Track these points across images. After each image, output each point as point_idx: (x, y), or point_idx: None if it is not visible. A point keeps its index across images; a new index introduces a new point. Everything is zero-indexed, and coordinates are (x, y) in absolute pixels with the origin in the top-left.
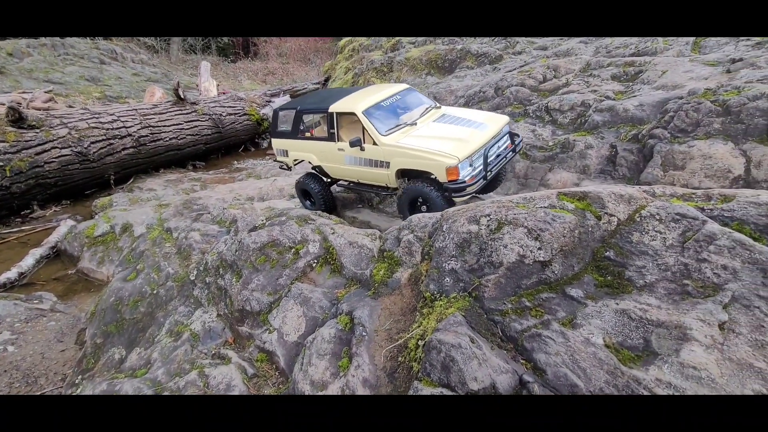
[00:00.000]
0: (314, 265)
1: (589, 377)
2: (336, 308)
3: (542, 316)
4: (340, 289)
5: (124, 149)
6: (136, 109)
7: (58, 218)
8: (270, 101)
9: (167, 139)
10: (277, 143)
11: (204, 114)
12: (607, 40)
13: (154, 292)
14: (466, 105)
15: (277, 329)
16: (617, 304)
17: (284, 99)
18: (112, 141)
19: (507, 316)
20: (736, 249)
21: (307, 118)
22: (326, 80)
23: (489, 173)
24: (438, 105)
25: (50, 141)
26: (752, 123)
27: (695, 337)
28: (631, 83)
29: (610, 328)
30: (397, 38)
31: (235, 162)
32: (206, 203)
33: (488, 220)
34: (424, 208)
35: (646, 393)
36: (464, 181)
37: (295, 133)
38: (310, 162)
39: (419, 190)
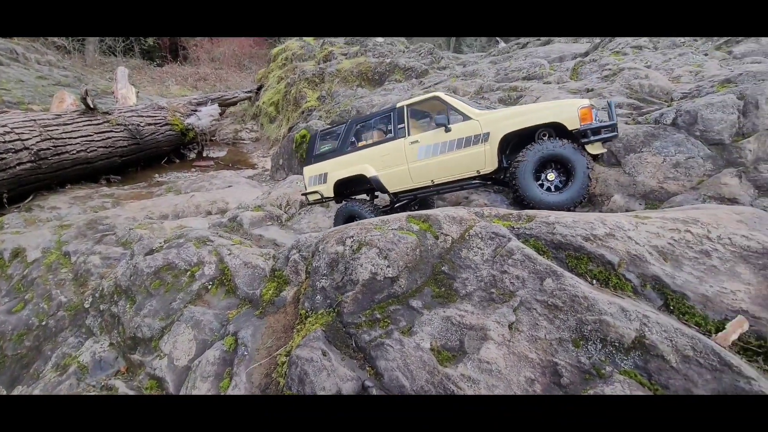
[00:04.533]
0: (209, 287)
1: (414, 378)
2: (224, 329)
3: (388, 326)
4: (232, 309)
5: (19, 164)
6: (35, 120)
7: None
8: (196, 110)
9: (74, 152)
10: (312, 170)
11: (119, 124)
12: (507, 64)
13: (43, 323)
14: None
15: (167, 354)
16: (444, 311)
17: (212, 108)
18: (3, 155)
19: (360, 328)
20: (525, 262)
21: (364, 128)
22: (259, 88)
23: (616, 125)
24: None
25: None
26: None
27: (492, 337)
28: (512, 106)
29: (436, 333)
30: (330, 49)
31: (157, 175)
32: (114, 223)
33: (352, 242)
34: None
35: (454, 387)
36: (600, 123)
37: (344, 147)
38: (363, 175)
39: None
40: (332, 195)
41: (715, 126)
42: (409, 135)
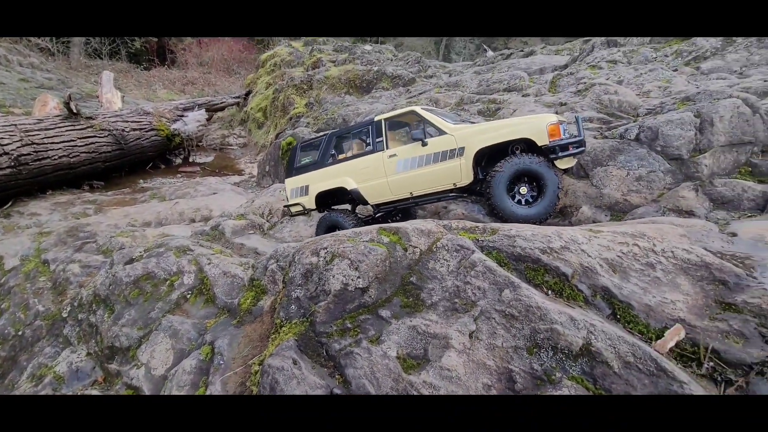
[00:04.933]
0: (188, 296)
1: (380, 385)
2: (202, 339)
3: (357, 335)
4: (210, 319)
5: None
6: (15, 125)
7: None
8: (183, 115)
9: (56, 157)
10: (294, 182)
11: (103, 129)
12: (489, 75)
13: (19, 333)
14: None
15: (145, 364)
16: (411, 321)
17: (199, 113)
18: None
19: (332, 338)
20: (486, 273)
21: (344, 140)
22: (247, 94)
23: (583, 140)
24: None
25: None
26: None
27: (453, 345)
28: (491, 118)
29: (403, 342)
30: (319, 56)
31: (141, 181)
32: (95, 230)
33: (325, 253)
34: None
35: (415, 394)
36: (568, 139)
37: (324, 160)
38: (343, 187)
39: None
40: (314, 207)
41: (674, 142)
42: (387, 148)
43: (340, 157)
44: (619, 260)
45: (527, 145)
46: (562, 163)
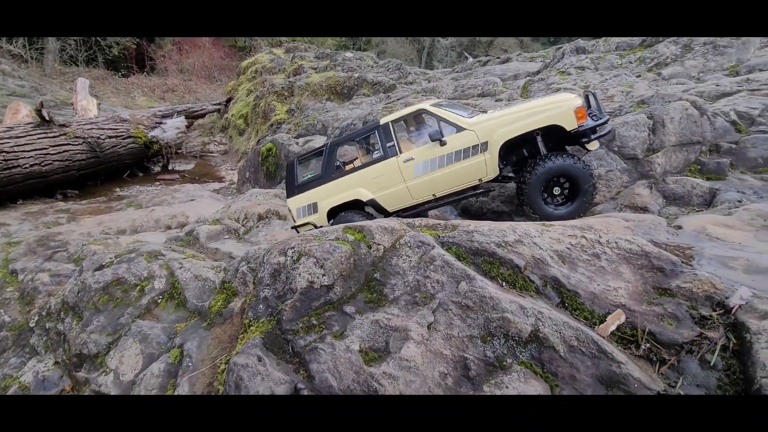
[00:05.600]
0: (159, 300)
1: (342, 378)
2: (171, 342)
3: (322, 331)
4: (181, 323)
5: None
6: None
7: None
8: (161, 122)
9: (27, 165)
10: (298, 201)
11: (77, 137)
12: (465, 81)
13: None
14: (340, 135)
15: (113, 370)
16: (374, 315)
17: (179, 120)
18: None
19: (297, 335)
20: (444, 267)
21: (345, 150)
22: (228, 101)
23: (608, 119)
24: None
25: None
26: None
27: (412, 337)
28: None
29: (365, 336)
30: (300, 63)
31: (118, 189)
32: (67, 239)
33: (293, 252)
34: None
35: (376, 385)
36: (595, 122)
37: (329, 173)
38: (358, 200)
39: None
40: (326, 224)
41: (629, 142)
42: (401, 153)
43: (348, 167)
44: (568, 252)
45: (552, 130)
46: (592, 146)
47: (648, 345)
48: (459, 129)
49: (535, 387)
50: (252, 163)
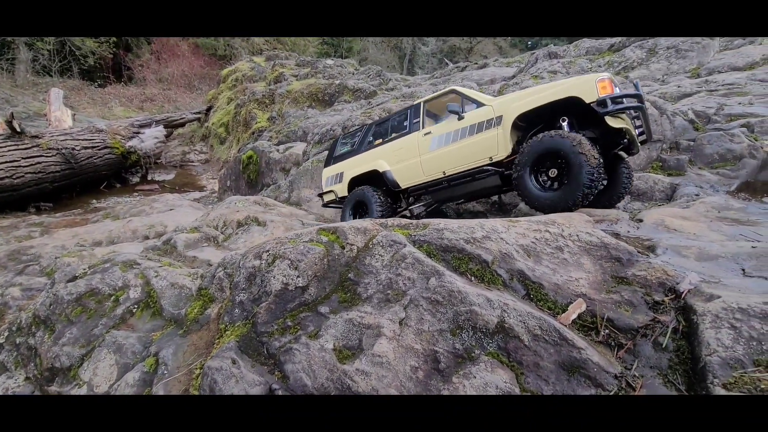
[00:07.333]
0: (134, 310)
1: (316, 376)
2: (147, 351)
3: (297, 332)
4: (157, 331)
5: None
6: None
7: None
8: (139, 132)
9: None
10: (330, 171)
11: (51, 148)
12: (443, 86)
13: None
14: (319, 142)
15: (87, 382)
16: (347, 314)
17: (157, 129)
18: None
19: (272, 336)
20: (415, 264)
21: (382, 128)
22: (209, 109)
23: (642, 96)
24: None
25: None
26: None
27: (385, 333)
28: None
29: (339, 335)
30: (281, 71)
31: (94, 201)
32: (39, 252)
33: (267, 255)
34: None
35: (349, 382)
36: (621, 93)
37: (360, 147)
38: (376, 170)
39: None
40: (347, 194)
41: None
42: (423, 128)
43: (376, 142)
44: (533, 245)
45: (582, 113)
46: (616, 122)
47: (607, 331)
48: (479, 105)
49: (501, 375)
50: (233, 171)
